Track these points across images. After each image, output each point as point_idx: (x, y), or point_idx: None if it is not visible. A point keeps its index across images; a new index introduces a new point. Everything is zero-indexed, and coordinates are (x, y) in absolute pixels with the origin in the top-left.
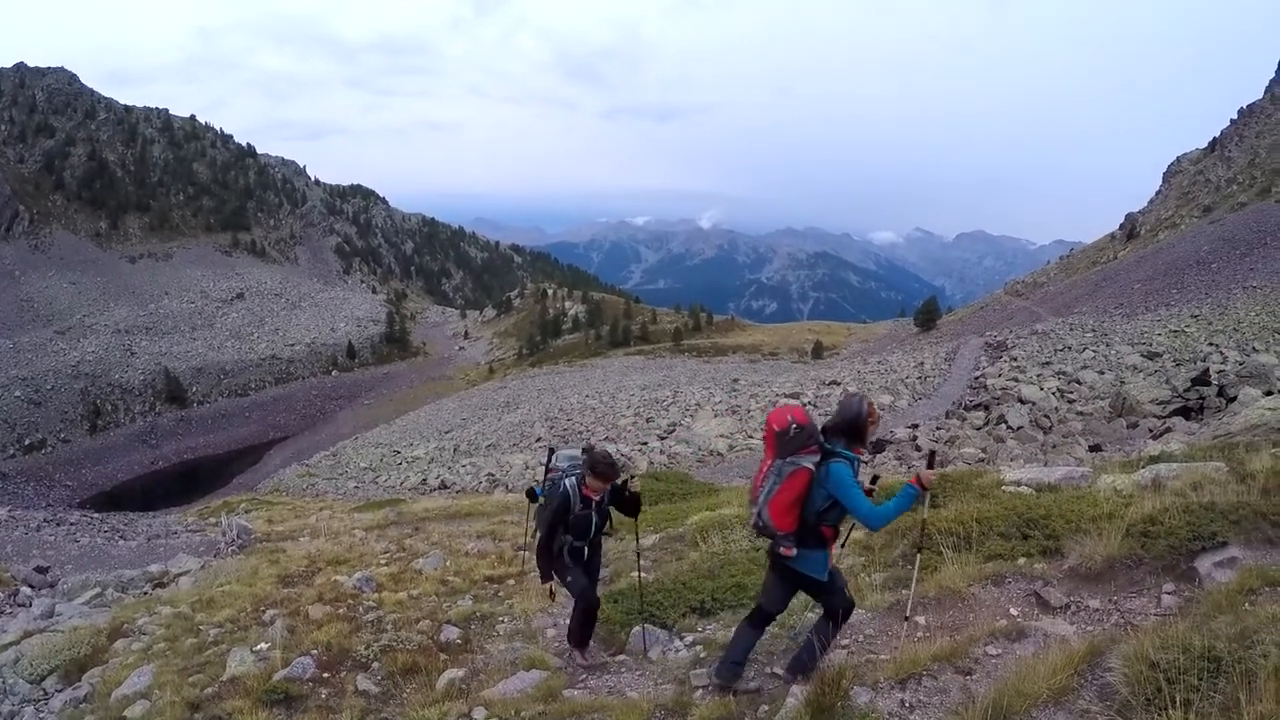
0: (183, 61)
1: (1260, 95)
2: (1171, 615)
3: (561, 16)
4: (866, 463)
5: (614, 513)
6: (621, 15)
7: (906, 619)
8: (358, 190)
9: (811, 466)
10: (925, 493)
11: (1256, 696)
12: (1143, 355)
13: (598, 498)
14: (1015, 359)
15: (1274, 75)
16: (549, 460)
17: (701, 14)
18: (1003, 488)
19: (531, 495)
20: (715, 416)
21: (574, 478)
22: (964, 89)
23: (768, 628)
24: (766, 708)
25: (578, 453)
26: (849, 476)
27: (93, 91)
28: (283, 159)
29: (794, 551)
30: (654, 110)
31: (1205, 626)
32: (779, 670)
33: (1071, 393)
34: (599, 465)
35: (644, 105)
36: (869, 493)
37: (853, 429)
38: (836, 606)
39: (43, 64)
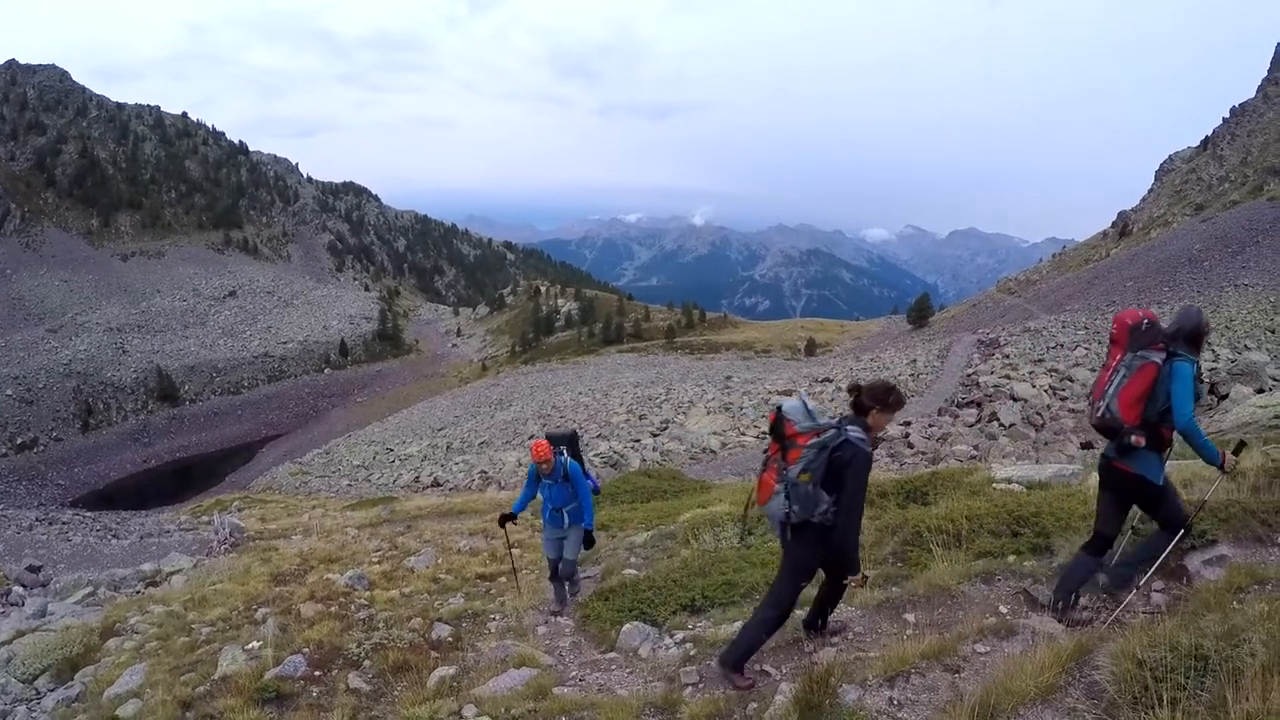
0: (173, 57)
1: (1253, 94)
2: (1160, 613)
3: (556, 13)
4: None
5: None
6: (617, 13)
7: None
8: (350, 187)
9: (1159, 361)
10: (1223, 473)
11: (1243, 695)
12: None
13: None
14: (1008, 356)
15: (1266, 74)
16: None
17: (697, 12)
18: (993, 485)
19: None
20: (708, 414)
21: (858, 426)
22: (957, 87)
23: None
24: (755, 705)
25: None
26: (1190, 376)
27: (84, 88)
28: (275, 156)
29: (1144, 441)
30: (648, 108)
31: (1193, 625)
32: (768, 667)
33: (1064, 390)
34: (889, 394)
35: (638, 103)
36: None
37: (1193, 337)
38: (1172, 517)
39: (34, 61)
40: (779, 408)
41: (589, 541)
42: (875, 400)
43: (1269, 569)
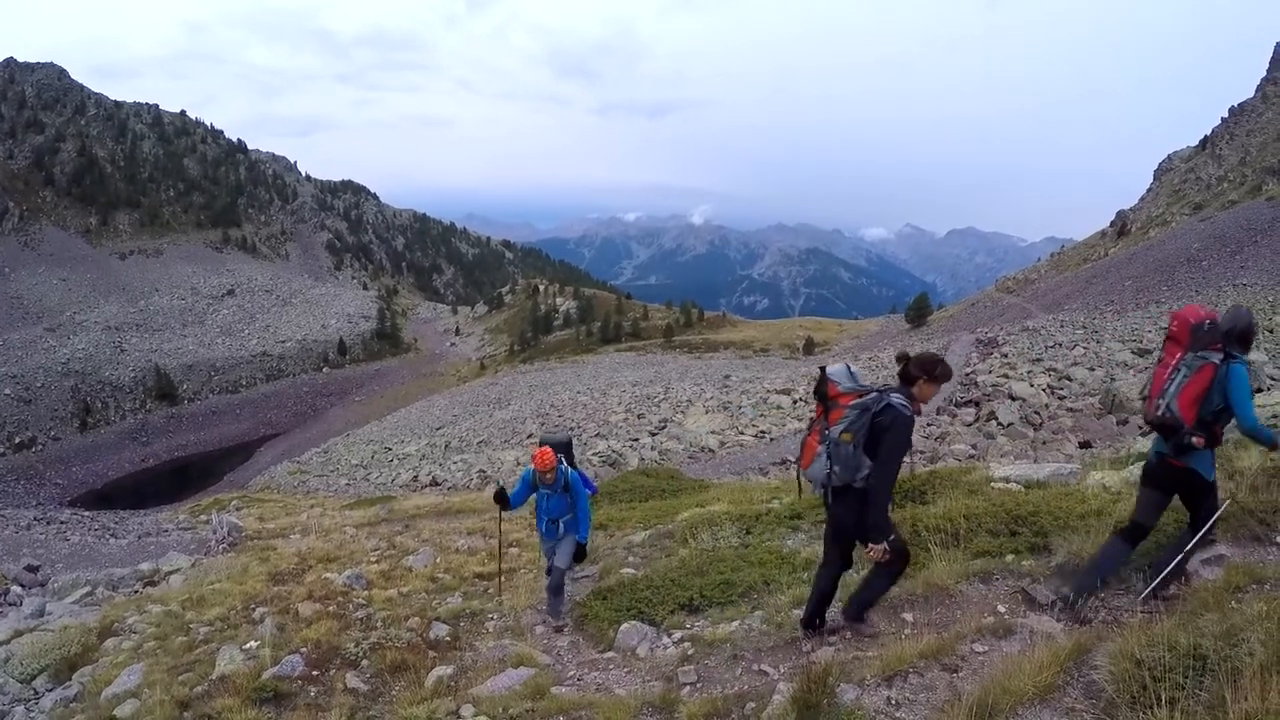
0: (172, 56)
1: (1252, 94)
2: (1158, 613)
3: (555, 12)
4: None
5: None
6: (616, 12)
7: None
8: (349, 186)
9: (1217, 363)
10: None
11: (1242, 694)
12: (1133, 352)
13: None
14: (1006, 355)
15: (1265, 74)
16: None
17: (696, 11)
18: (992, 484)
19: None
20: (706, 413)
21: (903, 394)
22: (956, 87)
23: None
24: (753, 705)
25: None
26: (1245, 377)
27: (82, 87)
28: (273, 155)
29: (1204, 441)
30: (647, 106)
31: (1192, 624)
32: (766, 667)
33: (1062, 389)
34: (937, 365)
35: (637, 101)
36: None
37: (1244, 337)
38: (1209, 511)
39: (32, 59)
40: (823, 369)
41: (580, 554)
42: (922, 370)
43: (1267, 568)
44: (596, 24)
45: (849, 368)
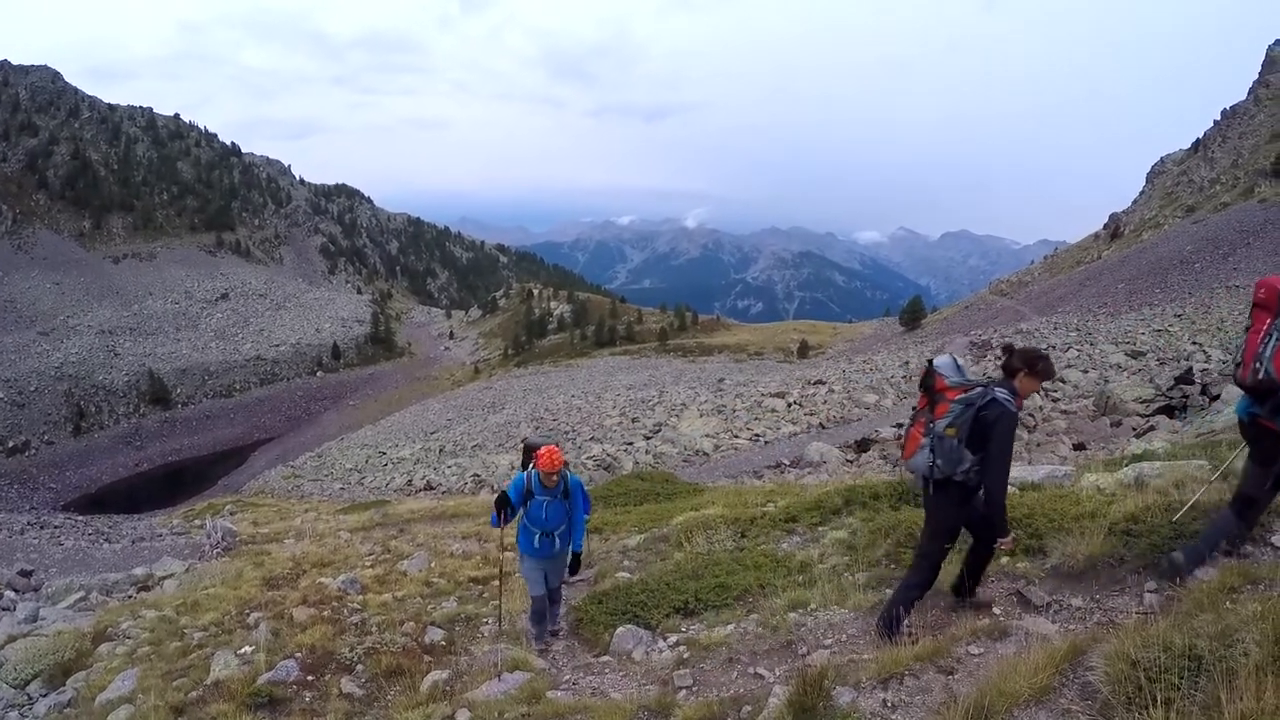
0: (166, 57)
1: (1244, 96)
2: (1153, 614)
3: (551, 14)
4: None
5: None
6: (611, 13)
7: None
8: (343, 190)
9: None
10: None
11: (1237, 694)
12: (1127, 354)
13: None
14: (1000, 358)
15: (1257, 77)
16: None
17: (692, 14)
18: None
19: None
20: (701, 416)
21: (1006, 389)
22: (950, 89)
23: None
24: (749, 708)
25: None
26: None
27: (76, 90)
28: (267, 158)
29: None
30: (641, 109)
31: (1187, 625)
32: (762, 670)
33: (1056, 391)
34: (1040, 360)
35: (631, 104)
36: None
37: None
38: None
39: (26, 61)
40: (930, 361)
41: (576, 564)
42: (1025, 363)
43: (1262, 569)
44: (592, 25)
45: (955, 360)
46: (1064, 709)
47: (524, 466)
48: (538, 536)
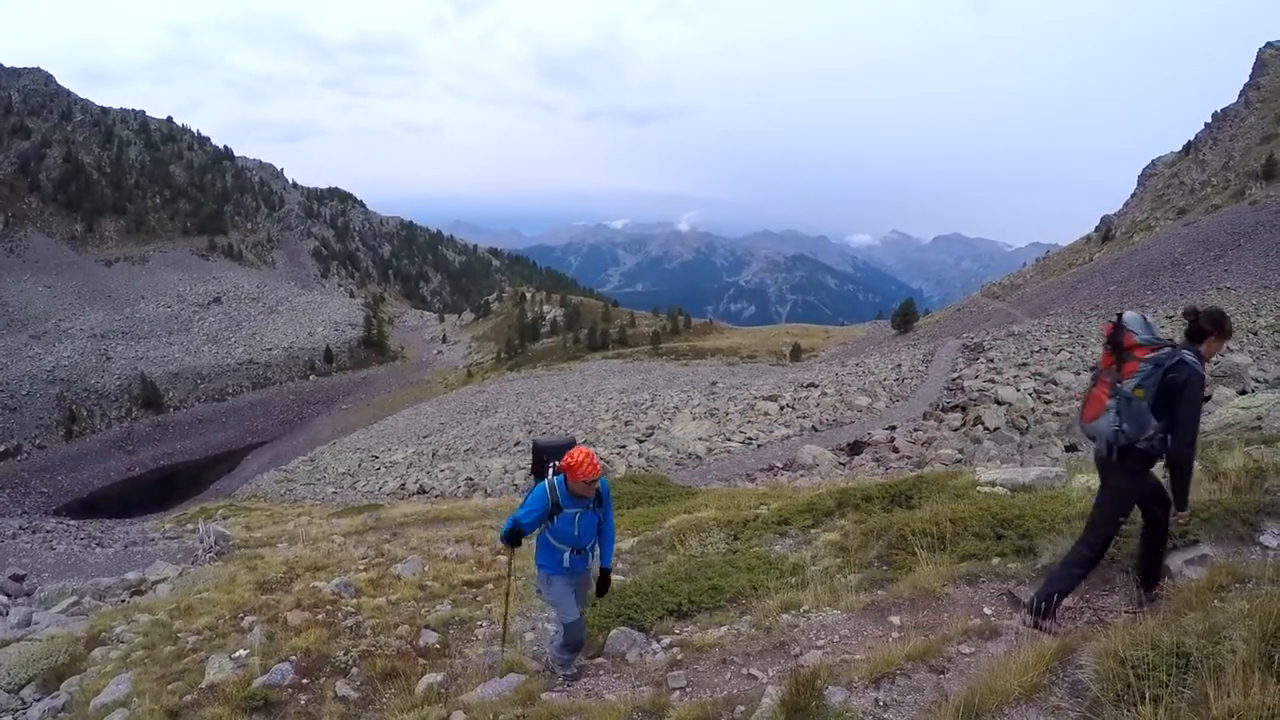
0: (158, 60)
1: (1235, 99)
2: (1142, 612)
3: (543, 17)
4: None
5: None
6: (603, 17)
7: None
8: (335, 193)
9: None
10: None
11: (1224, 691)
12: None
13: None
14: (992, 360)
15: (1248, 79)
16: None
17: (683, 17)
18: (978, 488)
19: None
20: (693, 419)
21: (1191, 351)
22: (942, 94)
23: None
24: (743, 708)
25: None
26: None
27: (69, 92)
28: (260, 161)
29: None
30: (633, 113)
31: (1175, 623)
32: (755, 671)
33: (1048, 393)
34: (1225, 320)
35: (623, 108)
36: None
37: None
38: None
39: (17, 64)
40: (1119, 316)
41: (604, 585)
42: (1213, 324)
43: (1250, 567)
44: (584, 28)
45: (1145, 317)
46: (1054, 706)
47: (536, 473)
48: (568, 554)
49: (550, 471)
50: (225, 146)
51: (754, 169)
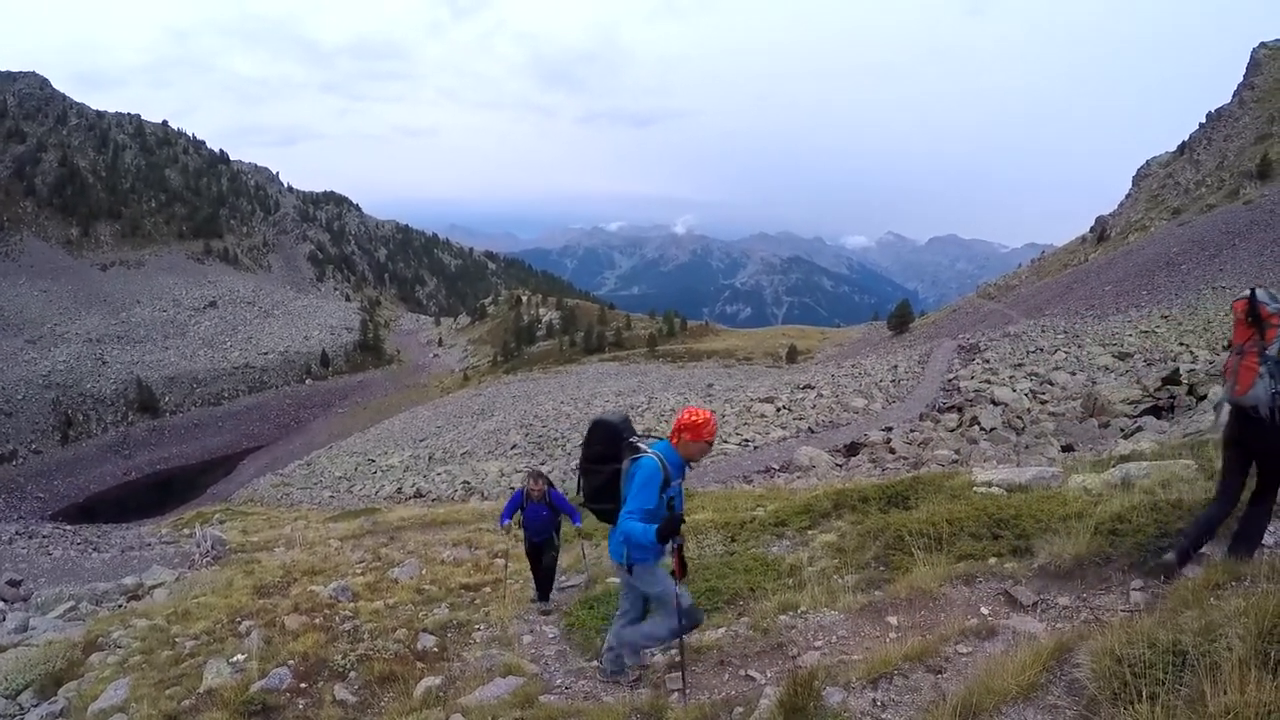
0: (154, 63)
1: (1229, 99)
2: (1139, 611)
3: (540, 20)
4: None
5: None
6: (600, 20)
7: None
8: (331, 197)
9: None
10: None
11: (1221, 689)
12: (1114, 356)
13: None
14: (988, 361)
15: (1242, 79)
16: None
17: (680, 20)
18: (974, 489)
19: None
20: None
21: None
22: (937, 95)
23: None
24: (741, 709)
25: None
26: None
27: (64, 96)
28: (255, 165)
29: None
30: (630, 116)
31: (1172, 621)
32: (753, 672)
33: (1044, 394)
34: None
35: (620, 110)
36: None
37: None
38: None
39: (13, 68)
40: (1252, 292)
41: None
42: None
43: (1247, 565)
44: (581, 31)
45: (1268, 290)
46: (1051, 705)
47: (609, 457)
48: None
49: (628, 451)
50: (221, 150)
51: (750, 172)
